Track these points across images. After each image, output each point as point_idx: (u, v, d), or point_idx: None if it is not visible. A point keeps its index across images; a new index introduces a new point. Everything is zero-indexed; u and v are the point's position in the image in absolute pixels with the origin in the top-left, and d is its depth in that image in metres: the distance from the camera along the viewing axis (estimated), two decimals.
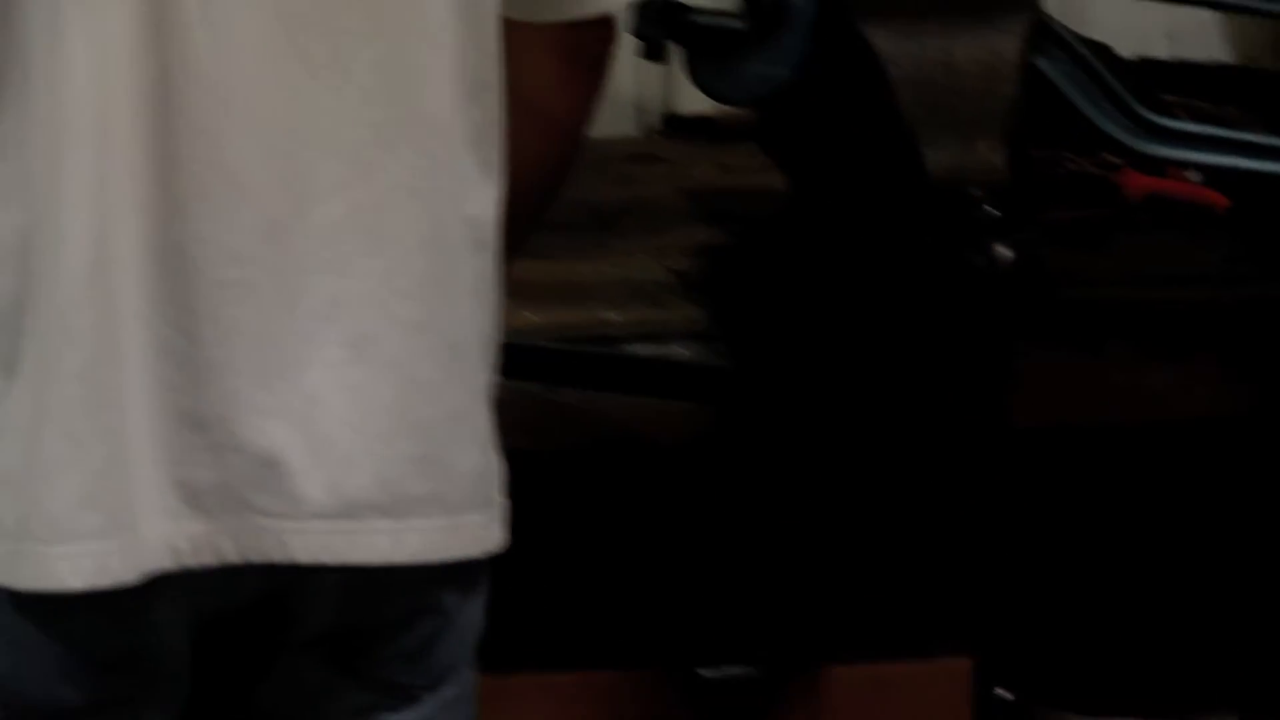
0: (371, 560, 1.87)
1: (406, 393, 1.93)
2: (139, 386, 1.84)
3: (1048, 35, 2.63)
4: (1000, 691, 2.80)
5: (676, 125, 3.37)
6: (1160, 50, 3.09)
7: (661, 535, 2.80)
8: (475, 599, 2.02)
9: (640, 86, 3.36)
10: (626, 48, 2.77)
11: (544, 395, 2.54)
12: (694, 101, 3.14)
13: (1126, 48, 2.85)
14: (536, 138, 2.07)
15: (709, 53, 2.61)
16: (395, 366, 1.92)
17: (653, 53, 2.64)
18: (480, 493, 1.96)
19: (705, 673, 2.74)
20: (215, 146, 1.87)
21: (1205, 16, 3.12)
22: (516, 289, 2.46)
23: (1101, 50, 2.74)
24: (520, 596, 2.43)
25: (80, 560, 1.81)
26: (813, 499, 2.75)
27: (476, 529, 1.96)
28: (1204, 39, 3.22)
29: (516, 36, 1.99)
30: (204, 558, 1.85)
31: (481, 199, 1.95)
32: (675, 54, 2.67)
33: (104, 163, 1.83)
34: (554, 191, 2.17)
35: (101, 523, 1.81)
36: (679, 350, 2.63)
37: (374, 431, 1.89)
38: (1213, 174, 2.79)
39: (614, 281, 2.78)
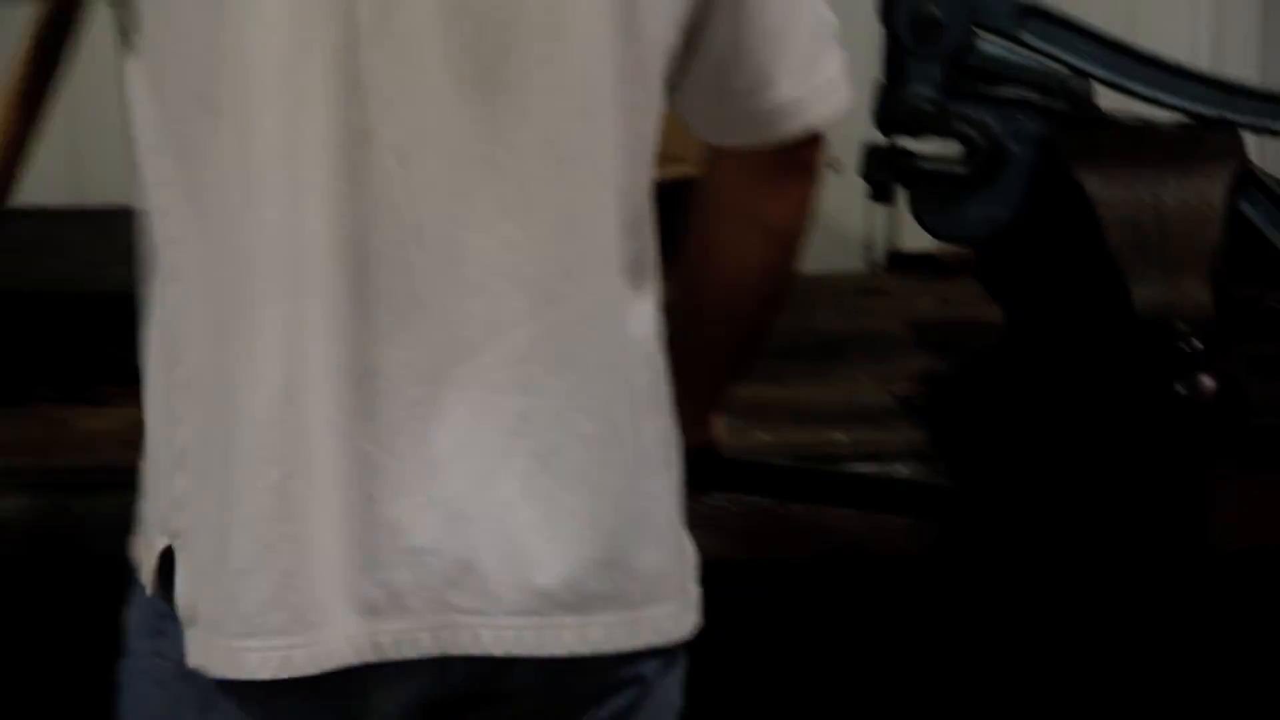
0: (558, 653, 1.88)
1: (590, 500, 1.93)
2: (330, 496, 1.87)
3: (1251, 180, 2.62)
4: None
5: (900, 261, 3.38)
6: None
7: (882, 642, 2.77)
8: (672, 673, 2.00)
9: (867, 226, 3.36)
10: (856, 190, 2.78)
11: (774, 509, 2.53)
12: (917, 239, 3.10)
13: None
14: (759, 247, 2.08)
15: (933, 195, 2.62)
16: (580, 476, 1.92)
17: (880, 194, 2.65)
18: (663, 587, 1.96)
19: None
20: (411, 280, 1.89)
21: None
22: (750, 410, 2.51)
23: None
24: (742, 696, 2.45)
25: (267, 654, 1.84)
26: (1028, 612, 2.72)
27: (660, 620, 1.95)
28: None
29: (736, 156, 2.02)
30: (405, 651, 1.87)
31: (642, 318, 1.95)
32: (901, 196, 2.68)
33: (300, 301, 1.85)
34: (776, 301, 2.15)
35: (286, 620, 1.85)
36: (900, 469, 2.63)
37: (561, 536, 1.90)
38: None
39: (840, 404, 2.79)
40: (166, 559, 1.94)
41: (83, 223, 3.03)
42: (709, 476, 2.09)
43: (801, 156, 2.02)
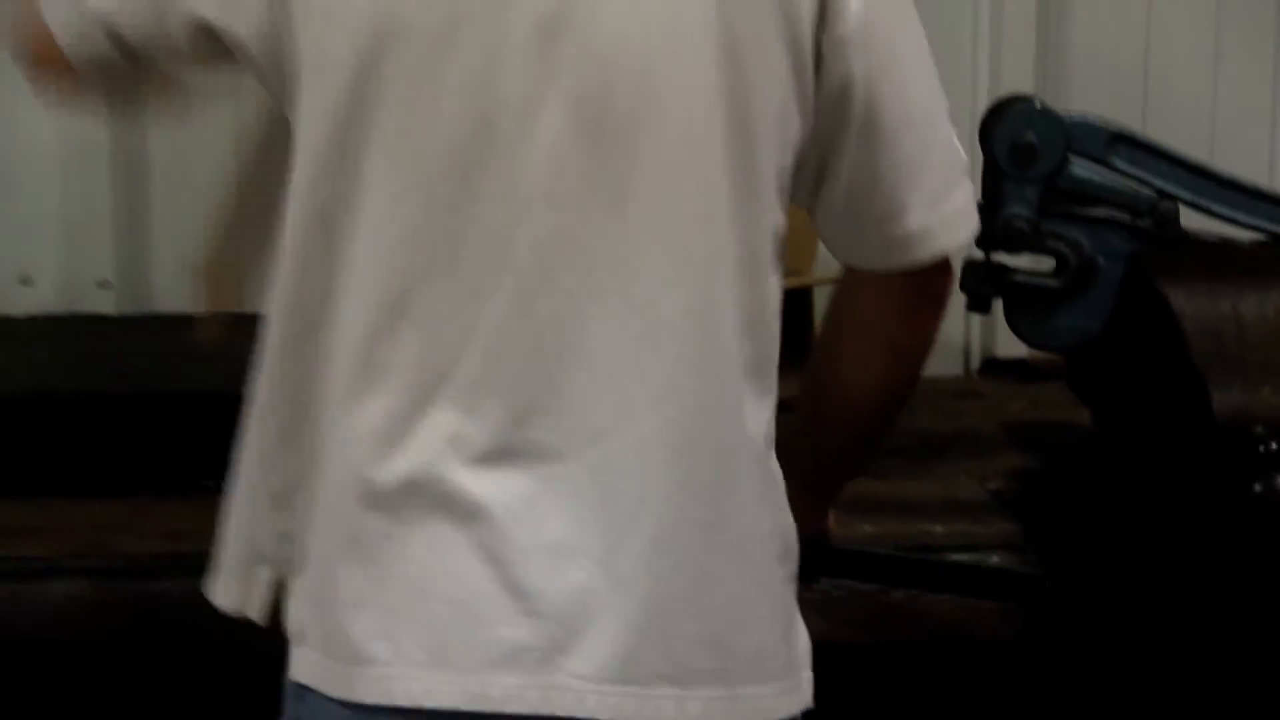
0: None
1: (698, 582, 1.92)
2: (454, 552, 1.87)
3: None
4: None
5: (995, 366, 3.37)
6: None
7: None
8: None
9: (965, 334, 3.35)
10: (955, 300, 2.84)
11: (877, 594, 2.54)
12: (1010, 346, 3.14)
13: None
14: (884, 366, 2.07)
15: (1027, 306, 2.63)
16: (690, 559, 1.91)
17: (978, 305, 2.66)
18: (766, 667, 1.94)
19: None
20: (546, 369, 1.89)
21: None
22: (855, 503, 2.42)
23: None
24: None
25: (410, 684, 1.85)
26: (1116, 694, 2.70)
27: (761, 699, 1.93)
28: None
29: (870, 281, 2.00)
30: (512, 706, 1.86)
31: (759, 418, 1.93)
32: (997, 306, 2.68)
33: (437, 375, 1.86)
34: (894, 413, 2.12)
35: (426, 659, 1.85)
36: (993, 559, 2.62)
37: (668, 613, 1.89)
38: None
39: (938, 498, 2.79)
40: (273, 588, 1.95)
41: (242, 329, 3.06)
42: (818, 564, 2.10)
43: (931, 282, 2.01)
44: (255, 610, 1.96)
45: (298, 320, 1.92)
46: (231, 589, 1.97)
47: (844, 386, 2.09)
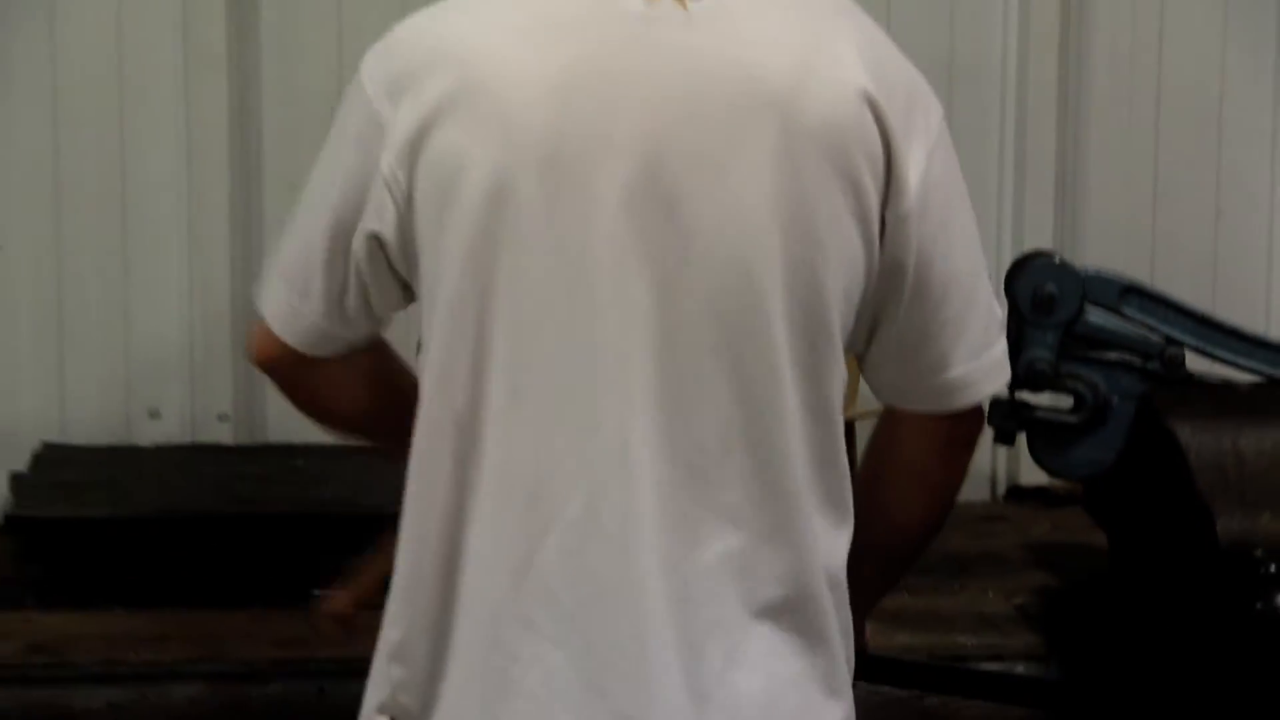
0: None
1: (769, 689, 1.90)
2: (559, 692, 1.86)
3: None
4: None
5: (1019, 493, 3.34)
6: None
7: None
8: None
9: (992, 463, 3.34)
10: (983, 434, 2.85)
11: (911, 700, 2.52)
12: (1033, 475, 3.12)
13: None
14: (923, 499, 2.07)
15: (1048, 439, 2.64)
16: (762, 671, 1.90)
17: (1004, 438, 2.67)
18: None
19: None
20: (636, 519, 1.85)
21: None
22: (892, 616, 2.54)
23: None
24: None
25: None
26: None
27: None
28: None
29: (912, 422, 2.01)
30: None
31: (834, 549, 1.93)
32: (1020, 439, 2.70)
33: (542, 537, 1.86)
34: (930, 539, 2.12)
35: None
36: (1018, 668, 2.61)
37: (744, 718, 1.88)
38: None
39: (967, 613, 2.78)
40: None
41: (344, 458, 3.00)
42: (857, 671, 2.04)
43: (966, 424, 2.01)
44: None
45: (433, 510, 1.89)
46: None
47: (884, 517, 2.07)
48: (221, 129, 3.28)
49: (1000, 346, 1.97)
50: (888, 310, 1.93)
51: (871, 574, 2.09)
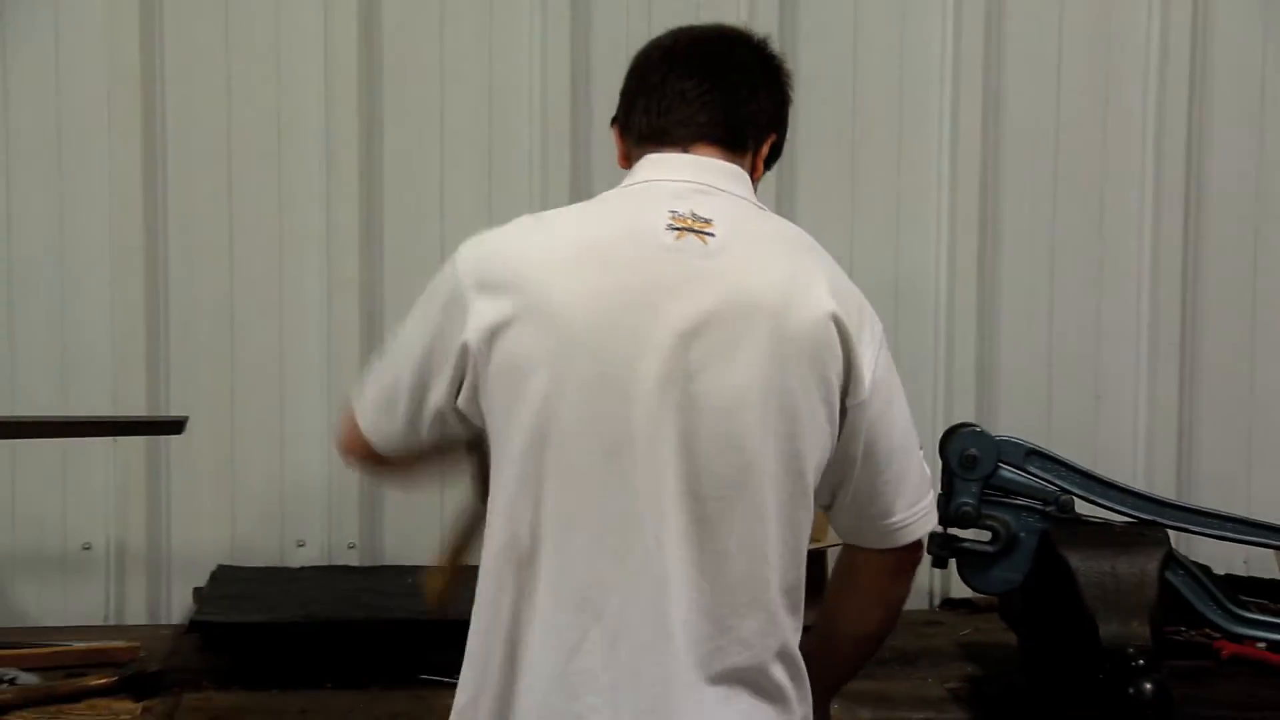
0: None
1: None
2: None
3: (1174, 559, 2.63)
4: None
5: (950, 603, 3.30)
6: (1240, 570, 3.03)
7: None
8: None
9: (930, 581, 3.30)
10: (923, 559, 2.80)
11: None
12: (961, 590, 3.09)
13: (1219, 568, 2.80)
14: (877, 611, 2.09)
15: (972, 563, 2.66)
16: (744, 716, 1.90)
17: (939, 563, 2.69)
18: None
19: None
20: (664, 618, 1.86)
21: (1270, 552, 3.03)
22: (852, 697, 2.57)
23: (1205, 569, 2.71)
24: None
25: None
26: None
27: None
28: (1268, 564, 3.09)
29: (868, 554, 2.05)
30: None
31: (792, 640, 1.92)
32: (951, 564, 2.70)
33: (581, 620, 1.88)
34: (883, 639, 2.12)
35: None
36: None
37: None
38: (1271, 645, 2.73)
39: (912, 695, 2.77)
40: None
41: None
42: None
43: (908, 556, 2.04)
44: None
45: (497, 618, 1.91)
46: None
47: (849, 623, 2.10)
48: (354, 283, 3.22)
49: (930, 498, 2.02)
50: (845, 473, 1.98)
51: (839, 664, 2.14)
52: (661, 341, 1.87)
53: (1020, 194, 3.33)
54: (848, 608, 2.10)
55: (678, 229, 1.90)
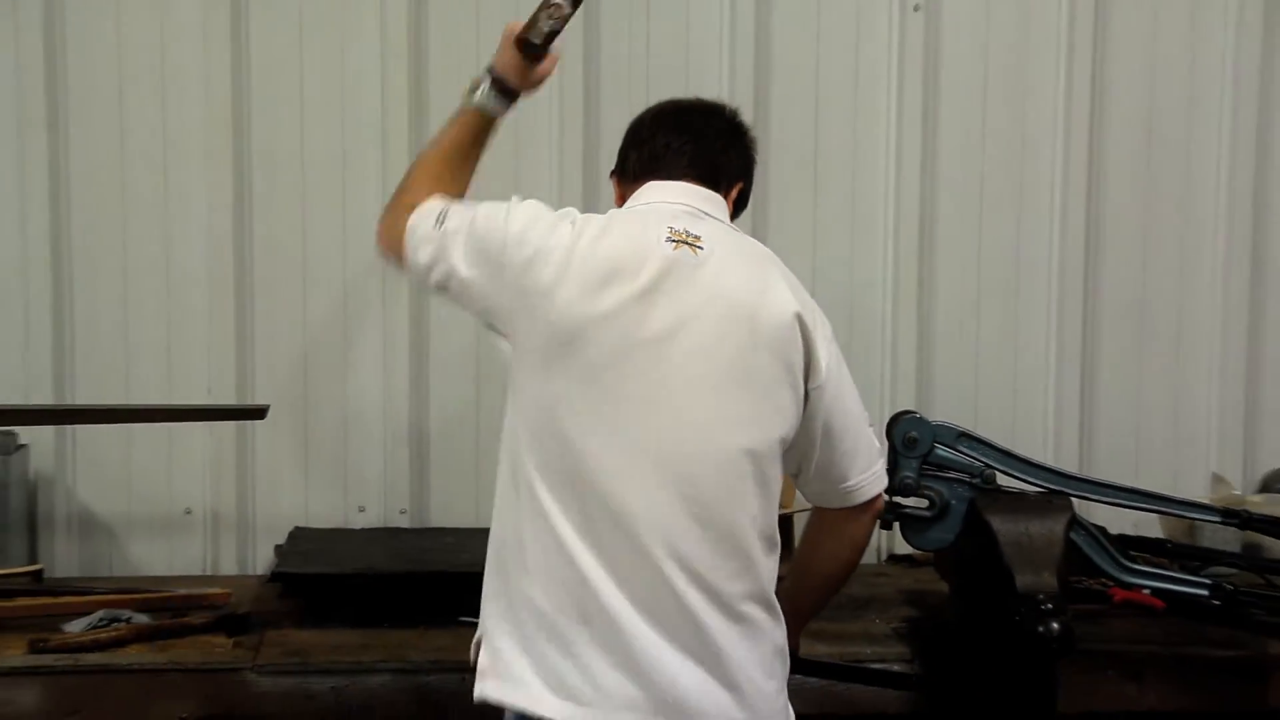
0: None
1: (742, 684, 1.91)
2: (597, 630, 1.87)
3: (1076, 521, 2.60)
4: None
5: (895, 559, 3.28)
6: (1129, 530, 2.96)
7: None
8: None
9: (879, 540, 3.27)
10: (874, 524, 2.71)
11: (827, 687, 2.52)
12: (903, 548, 3.09)
13: (1113, 529, 2.76)
14: (844, 553, 2.11)
15: (912, 526, 2.63)
16: (737, 669, 1.91)
17: (886, 525, 2.64)
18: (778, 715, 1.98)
19: None
20: (649, 558, 1.87)
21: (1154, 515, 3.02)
22: (816, 635, 2.52)
23: (1101, 530, 2.69)
24: None
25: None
26: None
27: None
28: (1152, 526, 3.07)
29: (836, 513, 2.08)
30: None
31: (770, 579, 1.95)
32: (896, 526, 2.65)
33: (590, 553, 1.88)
34: (844, 581, 2.16)
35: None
36: (895, 665, 2.61)
37: (722, 699, 1.91)
38: (1155, 591, 2.71)
39: (863, 633, 2.74)
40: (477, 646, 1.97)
41: (473, 537, 3.00)
42: (792, 668, 2.08)
43: (867, 509, 2.07)
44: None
45: (507, 528, 1.94)
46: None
47: (822, 565, 2.13)
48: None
49: (880, 464, 2.06)
50: (808, 447, 2.00)
51: (806, 605, 2.16)
52: (659, 329, 1.88)
53: (950, 226, 3.31)
54: (821, 553, 2.11)
55: (675, 241, 1.91)
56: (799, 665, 2.17)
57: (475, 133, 2.08)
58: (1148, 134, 3.32)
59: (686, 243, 1.91)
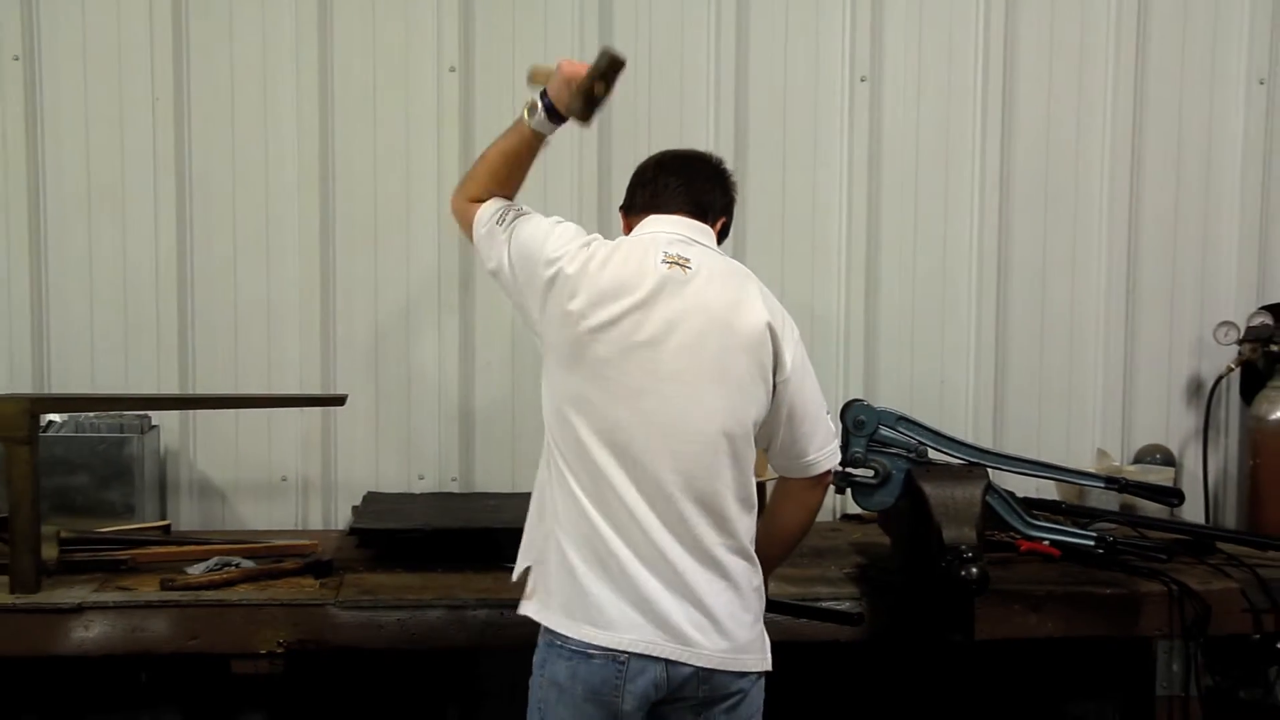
0: (713, 666, 1.92)
1: (727, 619, 1.92)
2: (640, 576, 1.87)
3: (991, 487, 2.59)
4: None
5: (847, 517, 3.25)
6: (1033, 494, 2.94)
7: (829, 675, 2.76)
8: (759, 685, 1.99)
9: (834, 502, 3.24)
10: (830, 489, 2.62)
11: (789, 623, 2.42)
12: (854, 509, 3.08)
13: (1020, 493, 2.75)
14: (800, 516, 2.09)
15: (861, 490, 2.62)
16: (726, 605, 1.93)
17: (839, 490, 2.65)
18: (751, 649, 1.97)
19: None
20: (644, 513, 1.89)
21: (1051, 483, 3.01)
22: (780, 578, 2.49)
23: (1011, 494, 2.68)
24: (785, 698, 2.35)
25: (588, 631, 1.87)
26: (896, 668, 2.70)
27: (750, 662, 1.96)
28: (1050, 490, 3.07)
29: (794, 482, 2.07)
30: (654, 651, 1.88)
31: (747, 536, 1.96)
32: (849, 491, 2.65)
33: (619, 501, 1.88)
34: (803, 535, 2.14)
35: (597, 618, 1.88)
36: (849, 604, 2.56)
37: (713, 633, 1.92)
38: (1052, 542, 2.69)
39: (821, 577, 2.70)
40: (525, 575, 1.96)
41: (509, 499, 2.99)
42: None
43: (821, 480, 2.06)
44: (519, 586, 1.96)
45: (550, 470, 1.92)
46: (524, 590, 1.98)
47: (782, 525, 2.11)
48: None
49: (834, 444, 2.05)
50: (775, 429, 1.99)
51: (774, 555, 2.14)
52: (653, 330, 1.87)
53: (890, 250, 3.30)
54: (782, 514, 2.09)
55: (668, 263, 1.91)
56: (769, 605, 2.15)
57: (528, 145, 2.10)
58: (1044, 176, 3.31)
59: (678, 263, 1.92)
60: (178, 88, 3.07)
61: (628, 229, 2.08)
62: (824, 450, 2.05)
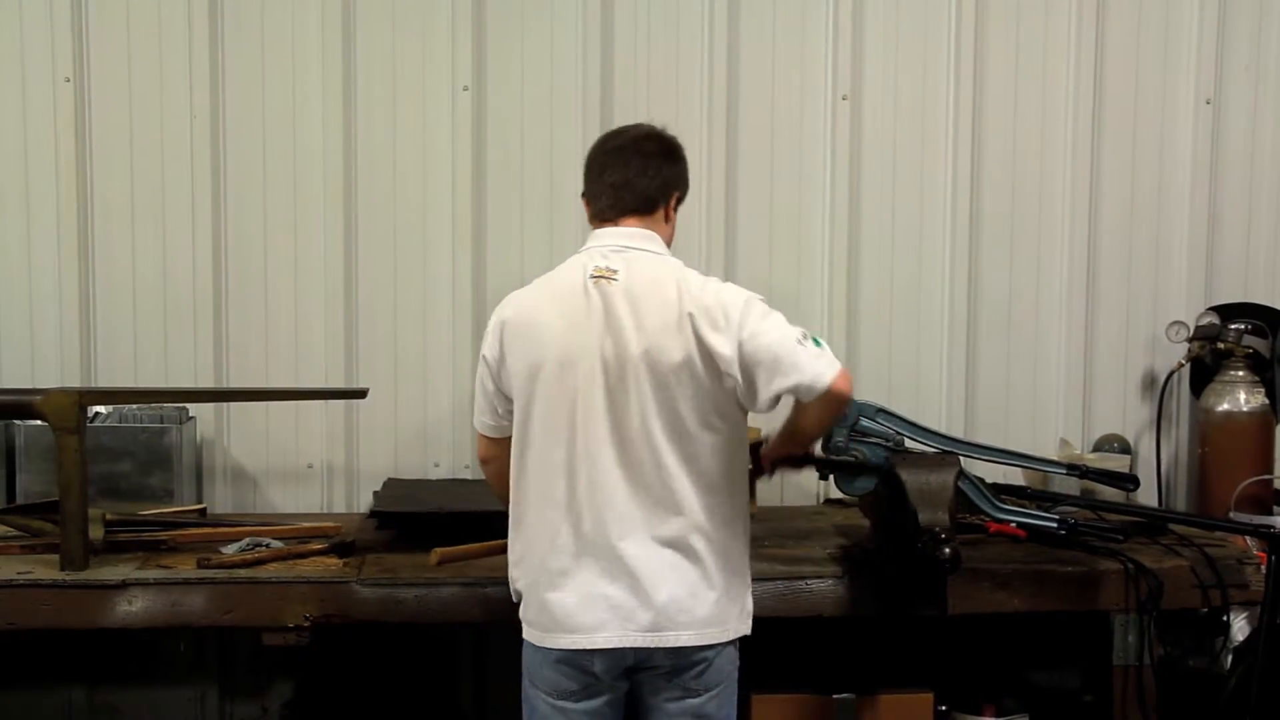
0: (674, 645, 1.93)
1: (702, 584, 1.94)
2: (587, 575, 1.90)
3: (963, 474, 2.57)
4: (943, 709, 2.70)
5: (831, 502, 3.23)
6: (1001, 479, 2.91)
7: (809, 635, 2.72)
8: (726, 652, 1.98)
9: (818, 487, 3.22)
10: (814, 476, 2.75)
11: (781, 595, 2.48)
12: (837, 494, 2.92)
13: (990, 479, 2.75)
14: (818, 415, 2.03)
15: (844, 476, 2.59)
16: (699, 573, 1.93)
17: (824, 477, 2.65)
18: (719, 621, 1.96)
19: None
20: (609, 488, 1.91)
21: (1018, 470, 3.02)
22: (770, 557, 2.49)
23: (981, 480, 2.68)
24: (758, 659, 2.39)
25: (569, 638, 1.92)
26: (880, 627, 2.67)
27: (712, 636, 1.96)
28: (1017, 476, 3.07)
29: (811, 404, 1.97)
30: (623, 642, 1.93)
31: (701, 512, 1.94)
32: (832, 477, 2.62)
33: (561, 481, 1.95)
34: (828, 426, 2.17)
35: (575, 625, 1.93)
36: (829, 583, 2.54)
37: (691, 595, 1.93)
38: (1019, 524, 2.69)
39: (807, 557, 2.68)
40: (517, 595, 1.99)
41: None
42: (800, 462, 2.28)
43: (828, 395, 1.95)
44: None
45: (514, 489, 1.99)
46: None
47: (805, 422, 2.06)
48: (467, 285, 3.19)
49: (821, 363, 1.92)
50: (753, 383, 1.93)
51: (798, 439, 2.11)
52: (595, 347, 1.90)
53: (870, 251, 3.28)
54: (807, 417, 2.04)
55: (596, 278, 1.93)
56: (805, 460, 2.31)
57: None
58: (1011, 191, 3.31)
59: (604, 276, 1.94)
60: (214, 106, 3.09)
61: (590, 219, 2.07)
62: (813, 372, 1.92)
